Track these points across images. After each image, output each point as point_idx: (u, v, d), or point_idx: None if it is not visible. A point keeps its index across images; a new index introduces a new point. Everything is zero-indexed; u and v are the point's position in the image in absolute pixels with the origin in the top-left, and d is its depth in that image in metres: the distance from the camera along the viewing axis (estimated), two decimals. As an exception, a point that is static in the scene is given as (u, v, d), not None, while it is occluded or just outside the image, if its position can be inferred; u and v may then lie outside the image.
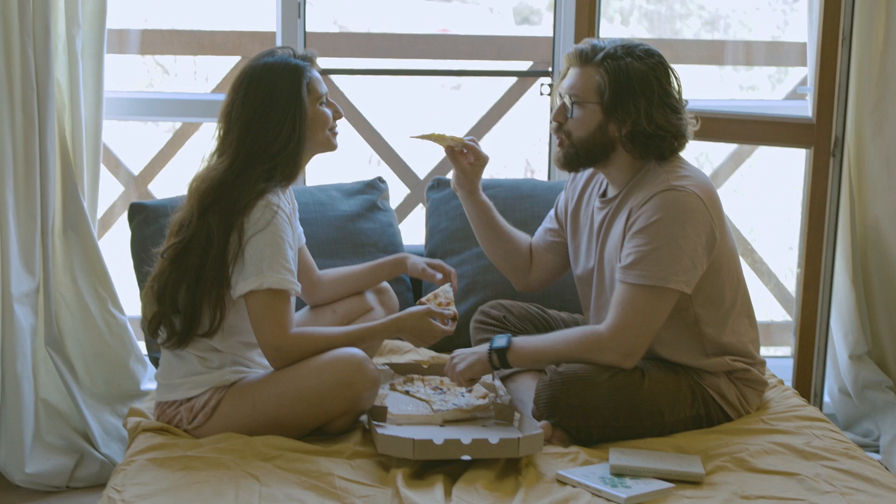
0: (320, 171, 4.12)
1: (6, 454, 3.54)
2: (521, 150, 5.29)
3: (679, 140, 2.80)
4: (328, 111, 2.87)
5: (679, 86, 2.83)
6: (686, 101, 2.85)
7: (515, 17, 5.37)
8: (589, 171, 3.00)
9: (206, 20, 4.30)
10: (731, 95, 4.56)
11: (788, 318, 4.34)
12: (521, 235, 3.17)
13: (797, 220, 4.23)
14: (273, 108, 2.77)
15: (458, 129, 4.04)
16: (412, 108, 5.18)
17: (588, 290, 2.98)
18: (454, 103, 4.97)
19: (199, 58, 4.59)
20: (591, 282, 2.95)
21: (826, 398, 3.85)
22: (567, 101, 2.83)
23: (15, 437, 3.52)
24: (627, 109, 2.75)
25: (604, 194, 2.94)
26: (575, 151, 2.84)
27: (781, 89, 4.58)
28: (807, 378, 3.57)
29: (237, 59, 4.13)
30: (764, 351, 4.36)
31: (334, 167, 3.95)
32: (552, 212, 3.16)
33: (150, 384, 3.72)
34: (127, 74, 4.48)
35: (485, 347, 2.86)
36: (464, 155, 3.00)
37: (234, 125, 2.78)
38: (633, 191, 2.82)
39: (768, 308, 4.44)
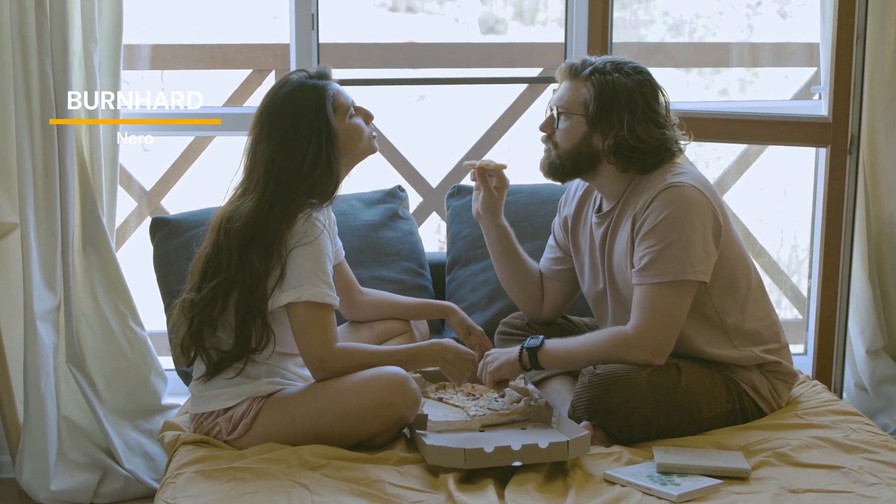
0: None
1: (31, 472, 3.52)
2: (514, 157, 5.28)
3: (661, 154, 2.85)
4: (359, 121, 2.87)
5: (667, 102, 2.89)
6: (677, 118, 2.89)
7: (481, 26, 5.36)
8: (580, 192, 3.05)
9: (217, 34, 4.26)
10: (701, 98, 4.55)
11: (800, 316, 4.37)
12: (534, 264, 3.18)
13: (804, 219, 4.28)
14: (296, 134, 2.74)
15: (426, 140, 4.05)
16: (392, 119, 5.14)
17: (603, 308, 3.01)
18: (419, 114, 4.90)
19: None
20: (605, 300, 2.99)
21: (843, 393, 3.89)
22: (555, 112, 2.89)
23: (39, 454, 3.50)
24: (611, 122, 2.81)
25: (599, 209, 2.98)
26: (560, 162, 2.89)
27: (752, 91, 4.60)
28: (826, 374, 3.60)
29: (248, 72, 4.14)
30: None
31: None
32: (551, 240, 3.17)
33: (170, 399, 3.71)
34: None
35: (516, 349, 2.89)
36: (490, 178, 3.02)
37: (259, 160, 2.76)
38: (630, 200, 2.87)
39: (779, 306, 4.47)
